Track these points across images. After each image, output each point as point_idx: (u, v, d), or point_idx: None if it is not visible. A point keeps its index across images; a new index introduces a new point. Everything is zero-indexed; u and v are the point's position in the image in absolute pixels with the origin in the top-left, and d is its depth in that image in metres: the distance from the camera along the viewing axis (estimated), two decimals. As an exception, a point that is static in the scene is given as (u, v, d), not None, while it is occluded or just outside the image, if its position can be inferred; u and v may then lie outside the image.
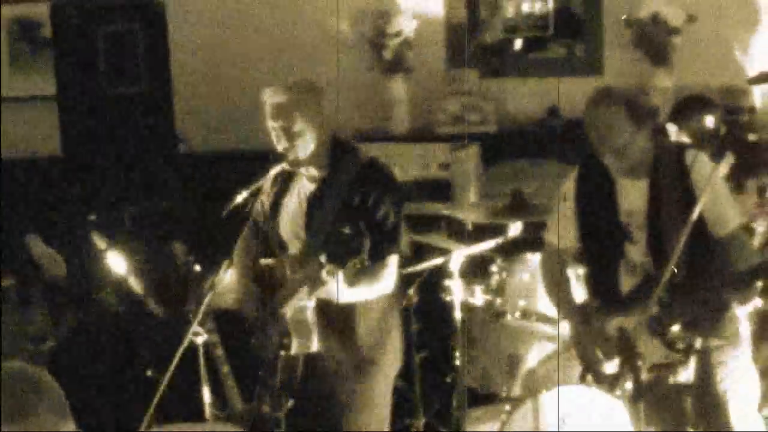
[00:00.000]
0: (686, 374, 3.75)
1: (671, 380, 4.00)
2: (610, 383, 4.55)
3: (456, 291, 5.62)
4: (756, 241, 5.38)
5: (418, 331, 5.89)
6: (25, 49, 7.35)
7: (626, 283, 4.48)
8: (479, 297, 5.68)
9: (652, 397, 4.43)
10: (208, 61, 7.19)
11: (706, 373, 4.43)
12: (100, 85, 4.97)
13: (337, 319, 4.46)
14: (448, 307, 5.68)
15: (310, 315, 4.43)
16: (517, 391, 5.48)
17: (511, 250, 5.64)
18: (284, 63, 7.03)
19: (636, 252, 4.46)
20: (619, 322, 4.45)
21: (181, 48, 6.53)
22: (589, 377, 4.66)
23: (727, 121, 6.08)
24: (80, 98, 5.10)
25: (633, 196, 4.46)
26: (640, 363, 4.38)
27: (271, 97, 4.40)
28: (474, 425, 5.59)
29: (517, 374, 5.51)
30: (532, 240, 5.46)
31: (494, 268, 5.69)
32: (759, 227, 5.47)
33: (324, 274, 4.13)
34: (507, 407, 5.26)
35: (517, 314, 5.56)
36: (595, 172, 4.54)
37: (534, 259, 5.48)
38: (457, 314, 5.61)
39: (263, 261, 4.65)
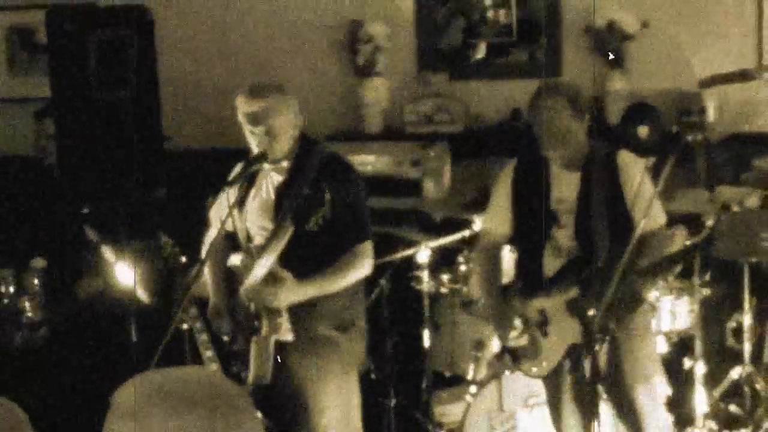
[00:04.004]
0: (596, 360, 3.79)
1: (585, 365, 4.04)
2: (526, 363, 4.64)
3: (425, 280, 5.68)
4: (703, 234, 5.45)
5: (390, 318, 5.94)
6: (21, 54, 7.38)
7: (552, 265, 4.56)
8: (446, 286, 5.75)
9: (570, 379, 4.52)
10: (193, 65, 7.23)
11: (615, 362, 4.50)
12: (91, 89, 4.98)
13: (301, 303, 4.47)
14: (417, 296, 5.74)
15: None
16: (482, 374, 5.53)
17: (476, 243, 5.70)
18: (264, 68, 7.08)
19: (563, 236, 4.55)
20: (540, 303, 4.52)
21: (168, 53, 6.55)
22: (507, 356, 4.74)
23: (679, 122, 6.16)
24: (73, 101, 5.11)
25: (565, 185, 4.55)
26: (555, 344, 4.47)
27: (244, 105, 4.44)
28: (441, 406, 5.66)
29: (482, 358, 5.56)
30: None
31: (460, 259, 5.75)
32: (708, 221, 5.54)
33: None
34: (472, 389, 5.33)
35: (482, 302, 5.62)
36: (532, 161, 4.64)
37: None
38: (426, 302, 5.67)
39: (230, 262, 4.67)
